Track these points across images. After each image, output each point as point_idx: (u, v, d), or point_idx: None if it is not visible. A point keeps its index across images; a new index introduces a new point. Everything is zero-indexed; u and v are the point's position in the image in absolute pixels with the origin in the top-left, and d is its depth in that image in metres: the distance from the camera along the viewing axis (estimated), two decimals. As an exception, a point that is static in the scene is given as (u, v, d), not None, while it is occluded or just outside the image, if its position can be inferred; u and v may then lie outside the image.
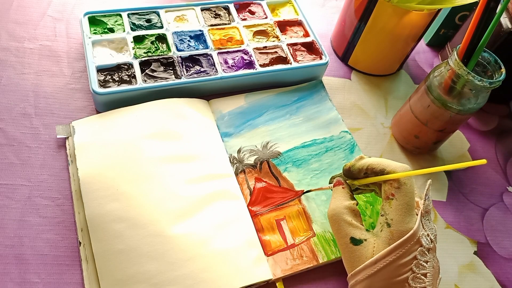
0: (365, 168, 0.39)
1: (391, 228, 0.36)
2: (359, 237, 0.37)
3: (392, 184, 0.37)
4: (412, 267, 0.35)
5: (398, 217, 0.36)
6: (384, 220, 0.36)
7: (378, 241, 0.36)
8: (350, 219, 0.38)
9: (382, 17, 0.53)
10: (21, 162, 0.45)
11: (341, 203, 0.39)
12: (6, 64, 0.51)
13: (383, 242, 0.36)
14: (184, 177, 0.45)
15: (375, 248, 0.36)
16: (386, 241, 0.36)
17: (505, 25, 0.54)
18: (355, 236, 0.37)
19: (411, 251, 0.35)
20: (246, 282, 0.40)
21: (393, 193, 0.36)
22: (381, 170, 0.38)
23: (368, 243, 0.36)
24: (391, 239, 0.35)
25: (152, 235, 0.41)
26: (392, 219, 0.36)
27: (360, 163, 0.39)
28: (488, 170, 0.56)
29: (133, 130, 0.47)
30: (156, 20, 0.56)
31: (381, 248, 0.35)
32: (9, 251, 0.40)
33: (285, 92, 0.55)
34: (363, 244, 0.36)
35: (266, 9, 0.60)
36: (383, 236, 0.36)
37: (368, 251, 0.36)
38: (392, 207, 0.36)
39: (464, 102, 0.47)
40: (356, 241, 0.37)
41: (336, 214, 0.38)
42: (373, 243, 0.36)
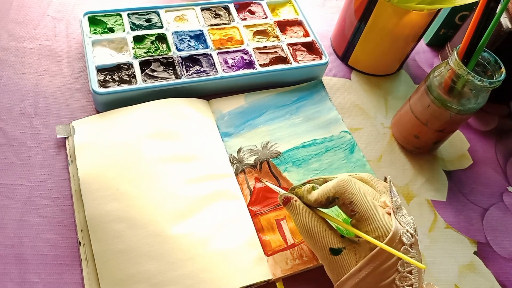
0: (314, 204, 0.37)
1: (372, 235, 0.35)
2: (337, 246, 0.36)
3: (344, 203, 0.36)
4: (397, 267, 0.35)
5: (369, 226, 0.35)
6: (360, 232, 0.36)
7: (360, 249, 0.35)
8: (323, 228, 0.36)
9: (382, 17, 0.53)
10: (21, 162, 0.45)
11: (306, 216, 0.37)
12: (6, 64, 0.51)
13: (365, 250, 0.35)
14: (184, 177, 0.45)
15: (357, 256, 0.35)
16: (367, 249, 0.35)
17: (505, 25, 0.54)
18: (333, 246, 0.36)
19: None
20: (246, 282, 0.40)
21: (352, 209, 0.36)
22: (327, 200, 0.36)
23: (348, 251, 0.36)
24: (372, 248, 0.35)
25: (152, 235, 0.41)
26: (367, 230, 0.35)
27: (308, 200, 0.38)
28: (488, 170, 0.56)
29: (133, 130, 0.47)
30: (156, 20, 0.56)
31: (364, 254, 0.35)
32: (9, 251, 0.40)
33: (285, 92, 0.55)
34: (343, 253, 0.36)
35: (266, 9, 0.60)
36: (364, 245, 0.35)
37: (351, 259, 0.35)
38: (360, 221, 0.36)
39: (464, 102, 0.47)
40: (335, 251, 0.36)
41: (308, 229, 0.37)
42: (354, 251, 0.35)
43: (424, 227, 0.49)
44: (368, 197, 0.36)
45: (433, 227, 0.49)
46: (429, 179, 0.53)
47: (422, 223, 0.49)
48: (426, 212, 0.50)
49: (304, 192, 0.38)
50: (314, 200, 0.37)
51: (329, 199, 0.36)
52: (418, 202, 0.51)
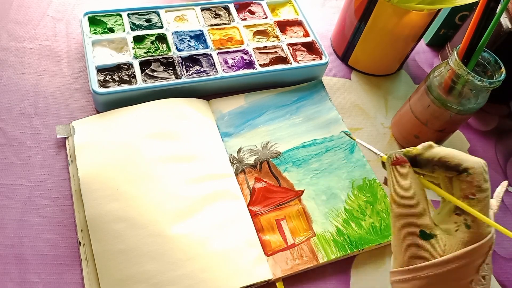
0: (436, 160, 0.33)
1: (471, 230, 0.32)
2: (429, 231, 0.32)
3: (472, 182, 0.33)
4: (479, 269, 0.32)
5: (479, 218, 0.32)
6: (462, 220, 0.33)
7: (452, 240, 0.32)
8: (426, 207, 0.33)
9: (382, 17, 0.53)
10: (21, 162, 0.45)
11: (415, 188, 0.33)
12: (6, 64, 0.51)
13: (458, 243, 0.32)
14: (184, 177, 0.45)
15: (446, 247, 0.32)
16: (462, 242, 0.32)
17: (505, 25, 0.54)
18: (425, 229, 0.32)
19: (484, 254, 0.32)
20: (246, 282, 0.40)
21: (474, 192, 0.33)
22: (456, 165, 0.33)
23: (438, 239, 0.32)
24: (469, 241, 0.32)
25: (152, 235, 0.41)
26: (473, 220, 0.32)
27: (430, 153, 0.34)
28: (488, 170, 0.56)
29: (133, 130, 0.47)
30: (156, 20, 0.56)
31: (455, 248, 0.32)
32: (9, 251, 0.40)
33: (285, 92, 0.55)
34: (433, 239, 0.32)
35: (266, 9, 0.60)
36: (459, 236, 0.32)
37: (438, 248, 0.32)
38: (472, 207, 0.32)
39: (464, 102, 0.47)
40: (426, 236, 0.32)
41: (412, 201, 0.32)
42: (444, 240, 0.32)
43: (424, 227, 0.49)
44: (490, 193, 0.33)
45: (433, 227, 0.49)
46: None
47: (422, 223, 0.49)
48: (426, 212, 0.50)
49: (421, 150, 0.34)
50: (441, 156, 0.33)
51: (458, 166, 0.33)
52: (418, 202, 0.51)
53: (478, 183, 0.33)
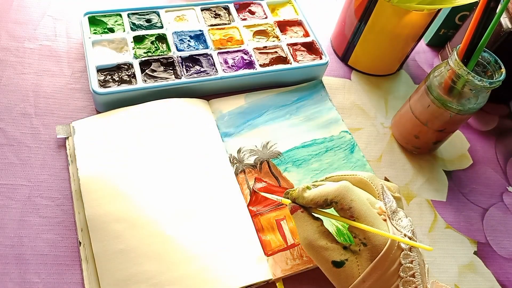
0: (310, 203, 0.37)
1: (368, 246, 0.35)
2: (339, 258, 0.36)
3: (343, 208, 0.36)
4: (399, 273, 0.35)
5: (367, 233, 0.35)
6: (358, 241, 0.36)
7: (361, 259, 0.35)
8: (324, 242, 0.36)
9: (382, 17, 0.53)
10: (21, 162, 0.45)
11: (309, 229, 0.37)
12: (6, 64, 0.51)
13: (366, 260, 0.35)
14: (184, 177, 0.45)
15: (359, 267, 0.35)
16: (367, 258, 0.35)
17: (505, 25, 0.54)
18: (335, 259, 0.36)
19: (394, 259, 0.35)
20: (246, 282, 0.40)
21: (350, 214, 0.36)
22: (324, 201, 0.37)
23: (350, 262, 0.36)
24: (372, 256, 0.35)
25: (152, 235, 0.41)
26: (365, 237, 0.35)
27: (303, 199, 0.38)
28: (488, 170, 0.56)
29: (133, 130, 0.47)
30: (156, 20, 0.56)
31: (365, 266, 0.35)
32: (9, 251, 0.40)
33: (285, 92, 0.55)
34: (345, 265, 0.36)
35: (266, 9, 0.60)
36: (364, 255, 0.35)
37: (353, 270, 0.35)
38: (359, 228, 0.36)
39: (464, 102, 0.47)
40: (338, 264, 0.36)
41: (310, 243, 0.37)
42: (355, 262, 0.36)
43: (424, 227, 0.49)
44: (367, 205, 0.36)
45: (433, 227, 0.49)
46: (429, 179, 0.53)
47: (422, 223, 0.49)
48: (426, 212, 0.50)
49: (299, 193, 0.38)
50: (311, 199, 0.37)
51: (327, 201, 0.36)
52: (418, 202, 0.51)
53: (347, 206, 0.36)
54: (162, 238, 0.41)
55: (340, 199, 0.36)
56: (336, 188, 0.37)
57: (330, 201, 0.36)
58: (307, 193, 0.38)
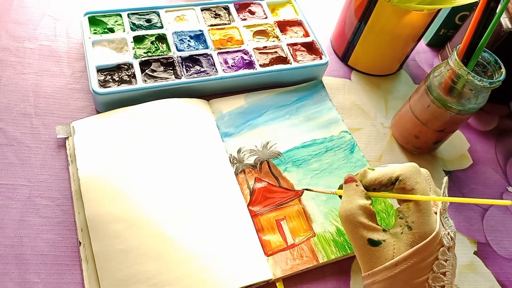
0: (373, 183, 0.37)
1: (413, 231, 0.34)
2: (377, 238, 0.35)
3: (404, 188, 0.35)
4: (433, 267, 0.34)
5: (419, 219, 0.34)
6: (404, 223, 0.35)
7: (399, 243, 0.35)
8: (365, 220, 0.36)
9: (382, 17, 0.53)
10: (21, 162, 0.45)
11: (355, 203, 0.36)
12: (6, 64, 0.51)
13: (405, 244, 0.34)
14: (184, 177, 0.45)
15: (395, 250, 0.34)
16: (407, 243, 0.34)
17: (505, 25, 0.54)
18: (373, 237, 0.35)
19: (433, 252, 0.34)
20: (246, 282, 0.40)
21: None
22: (388, 180, 0.36)
23: (387, 244, 0.35)
24: (413, 241, 0.34)
25: (152, 235, 0.41)
26: (413, 221, 0.35)
27: (367, 179, 0.38)
28: (488, 170, 0.56)
29: (133, 130, 0.47)
30: (156, 20, 0.56)
31: (402, 250, 0.34)
32: (9, 251, 0.40)
33: (285, 92, 0.55)
34: (382, 245, 0.35)
35: (266, 9, 0.60)
36: (404, 238, 0.35)
37: (388, 252, 0.35)
38: (410, 209, 0.35)
39: (464, 102, 0.47)
40: (374, 242, 0.35)
41: (350, 216, 0.36)
42: (393, 244, 0.35)
43: (424, 227, 0.49)
44: (427, 191, 0.36)
45: (433, 227, 0.49)
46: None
47: (422, 223, 0.49)
48: (426, 212, 0.50)
49: (359, 177, 0.38)
50: (375, 178, 0.37)
51: (391, 179, 0.36)
52: (418, 202, 0.51)
53: (410, 187, 0.35)
54: (162, 238, 0.41)
55: (406, 178, 0.35)
56: (405, 166, 0.36)
57: (395, 178, 0.36)
58: (371, 173, 0.38)
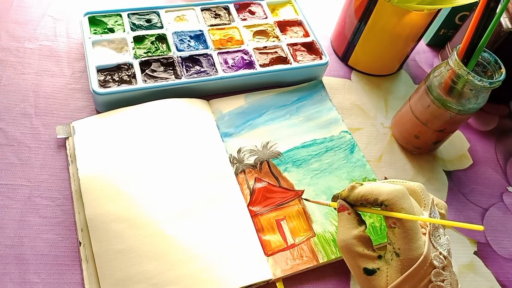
0: (359, 199, 0.37)
1: (401, 258, 0.34)
2: (372, 267, 0.35)
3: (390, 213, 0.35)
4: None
5: (405, 245, 0.34)
6: (392, 249, 0.35)
7: (391, 269, 0.35)
8: (361, 249, 0.36)
9: (382, 17, 0.53)
10: (21, 162, 0.45)
11: (350, 233, 0.36)
12: (6, 64, 0.51)
13: (395, 271, 0.34)
14: (184, 177, 0.45)
15: (388, 278, 0.35)
16: (397, 270, 0.34)
17: (505, 25, 0.54)
18: (367, 266, 0.35)
19: (424, 276, 0.34)
20: (246, 282, 0.40)
21: (394, 221, 0.35)
22: (374, 200, 0.36)
23: (381, 272, 0.35)
24: (402, 268, 0.34)
25: (152, 235, 0.41)
26: (400, 248, 0.34)
27: (353, 195, 0.37)
28: (488, 170, 0.56)
29: (133, 130, 0.47)
30: (156, 20, 0.56)
31: (394, 277, 0.34)
32: (9, 251, 0.40)
33: (285, 92, 0.55)
34: (376, 273, 0.35)
35: (266, 9, 0.60)
36: (394, 265, 0.35)
37: (382, 280, 0.35)
38: (396, 236, 0.35)
39: (464, 102, 0.47)
40: (369, 271, 0.35)
41: (346, 246, 0.36)
42: (385, 271, 0.35)
43: (424, 227, 0.49)
44: (415, 215, 0.35)
45: (433, 227, 0.49)
46: (429, 179, 0.53)
47: (422, 223, 0.49)
48: (426, 212, 0.50)
49: (349, 190, 0.37)
50: (362, 195, 0.36)
51: (377, 201, 0.36)
52: (418, 202, 0.51)
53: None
54: (162, 238, 0.41)
55: (392, 204, 0.35)
56: (391, 191, 0.35)
57: (380, 202, 0.35)
58: (358, 189, 0.37)
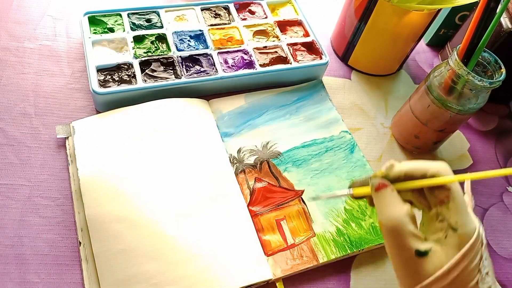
0: (402, 177, 0.34)
1: (459, 232, 0.32)
2: (424, 247, 0.32)
3: (443, 186, 0.33)
4: (480, 268, 0.32)
5: (461, 218, 0.32)
6: (445, 226, 0.32)
7: (446, 248, 0.32)
8: (413, 228, 0.32)
9: (382, 17, 0.53)
10: (21, 162, 0.45)
11: (400, 209, 0.33)
12: (6, 64, 0.51)
13: (452, 248, 0.32)
14: (184, 177, 0.45)
15: (443, 257, 0.32)
16: (455, 246, 0.32)
17: (505, 25, 0.54)
18: (420, 248, 0.32)
19: (478, 251, 0.32)
20: (246, 282, 0.40)
21: (447, 195, 0.33)
22: (422, 175, 0.33)
23: (433, 252, 0.32)
24: (461, 243, 0.32)
25: (152, 235, 0.41)
26: (457, 221, 0.32)
27: (394, 172, 0.34)
28: (488, 170, 0.56)
29: (133, 130, 0.47)
30: (156, 20, 0.56)
31: (451, 255, 0.32)
32: (9, 251, 0.40)
33: (285, 92, 0.55)
34: (429, 254, 0.32)
35: (266, 9, 0.60)
36: (451, 242, 0.32)
37: (436, 261, 0.32)
38: (451, 210, 0.32)
39: (464, 102, 0.47)
40: (422, 253, 0.32)
41: (397, 226, 0.32)
42: (439, 251, 0.32)
43: (424, 227, 0.49)
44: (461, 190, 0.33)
45: (433, 227, 0.49)
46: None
47: (422, 223, 0.49)
48: (426, 212, 0.50)
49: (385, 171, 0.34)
50: (404, 172, 0.33)
51: (425, 175, 0.33)
52: (418, 202, 0.51)
53: (447, 185, 0.33)
54: (162, 238, 0.41)
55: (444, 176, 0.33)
56: (439, 164, 0.33)
57: (430, 175, 0.33)
58: (399, 166, 0.34)
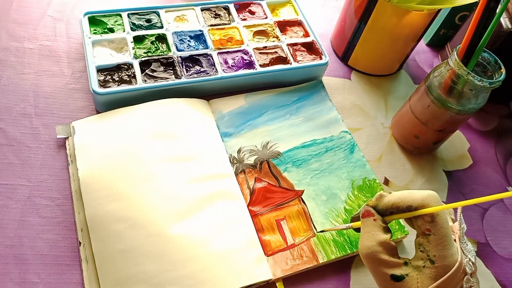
0: (390, 207, 0.35)
1: (436, 264, 0.33)
2: (400, 273, 0.34)
3: (424, 218, 0.34)
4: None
5: (440, 252, 0.33)
6: (425, 257, 0.34)
7: (422, 276, 0.33)
8: (386, 257, 0.34)
9: (382, 17, 0.53)
10: (21, 162, 0.45)
11: (374, 239, 0.34)
12: (6, 64, 0.51)
13: (428, 278, 0.33)
14: (184, 177, 0.45)
15: (419, 284, 0.33)
16: (431, 277, 0.33)
17: (505, 25, 0.54)
18: (395, 273, 0.34)
19: (457, 282, 0.33)
20: (246, 282, 0.40)
21: (428, 228, 0.34)
22: (407, 207, 0.35)
23: (410, 278, 0.34)
24: (437, 275, 0.33)
25: (152, 235, 0.41)
26: (435, 255, 0.33)
27: (383, 203, 0.36)
28: (488, 170, 0.56)
29: (133, 130, 0.47)
30: (156, 20, 0.56)
31: (426, 284, 0.33)
32: (9, 251, 0.40)
33: (285, 92, 0.55)
34: (405, 280, 0.33)
35: (266, 9, 0.60)
36: (427, 272, 0.33)
37: (412, 286, 0.33)
38: (431, 242, 0.34)
39: (464, 102, 0.47)
40: (397, 278, 0.34)
41: (370, 254, 0.34)
42: (416, 278, 0.33)
43: (424, 227, 0.49)
44: (448, 222, 0.34)
45: (433, 227, 0.49)
46: (429, 179, 0.53)
47: (422, 223, 0.49)
48: (426, 212, 0.50)
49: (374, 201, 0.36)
50: (392, 203, 0.35)
51: (410, 208, 0.34)
52: (418, 202, 0.51)
53: (430, 219, 0.34)
54: (162, 238, 0.41)
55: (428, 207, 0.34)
56: (425, 196, 0.34)
57: (414, 208, 0.34)
58: (388, 197, 0.36)
